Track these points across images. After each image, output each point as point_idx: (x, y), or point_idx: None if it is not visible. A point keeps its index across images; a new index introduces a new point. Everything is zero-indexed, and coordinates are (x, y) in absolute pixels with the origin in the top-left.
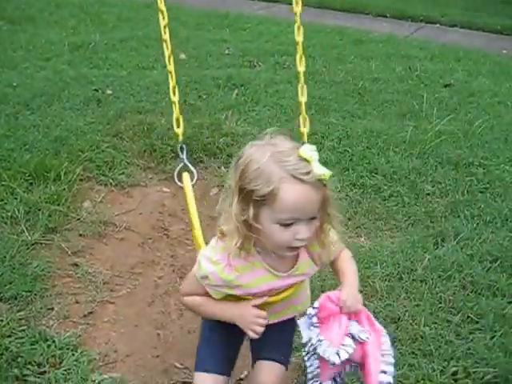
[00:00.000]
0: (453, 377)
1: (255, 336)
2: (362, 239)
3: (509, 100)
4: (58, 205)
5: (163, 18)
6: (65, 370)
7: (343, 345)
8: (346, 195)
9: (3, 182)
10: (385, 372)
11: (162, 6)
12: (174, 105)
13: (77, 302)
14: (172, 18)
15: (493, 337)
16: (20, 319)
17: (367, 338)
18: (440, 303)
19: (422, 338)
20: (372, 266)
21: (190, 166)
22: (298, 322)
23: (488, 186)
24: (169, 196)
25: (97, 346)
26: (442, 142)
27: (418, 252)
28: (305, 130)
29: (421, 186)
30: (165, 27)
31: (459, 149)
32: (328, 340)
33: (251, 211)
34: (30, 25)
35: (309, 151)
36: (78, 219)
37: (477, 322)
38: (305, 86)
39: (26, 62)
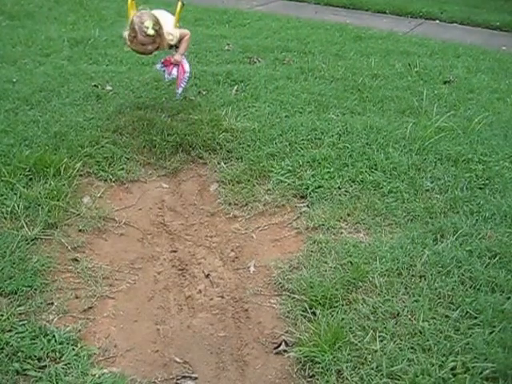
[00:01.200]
0: (451, 372)
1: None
2: (361, 235)
3: (508, 96)
4: (58, 200)
5: None
6: (65, 365)
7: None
8: (346, 191)
9: (3, 178)
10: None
11: None
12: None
13: (77, 297)
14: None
15: (491, 332)
16: (20, 314)
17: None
18: (439, 299)
19: (420, 333)
20: (371, 261)
21: None
22: (156, 65)
23: (487, 182)
24: (168, 192)
25: (97, 341)
26: (442, 138)
27: (417, 248)
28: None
29: (420, 182)
30: None
31: (459, 145)
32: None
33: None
34: (30, 20)
35: (148, 23)
36: (78, 215)
37: (475, 318)
38: None
39: (26, 58)
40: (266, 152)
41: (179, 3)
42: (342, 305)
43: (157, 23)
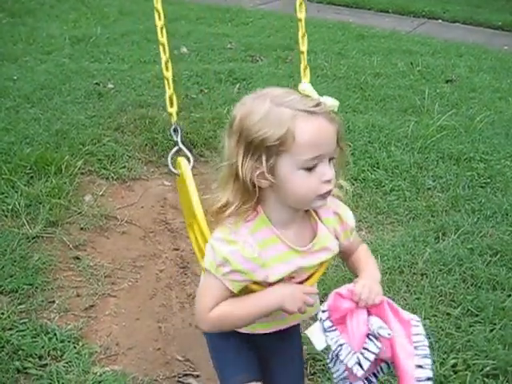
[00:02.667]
0: (452, 369)
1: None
2: (363, 233)
3: (510, 96)
4: (59, 198)
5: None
6: (66, 363)
7: (364, 348)
8: (348, 189)
9: (4, 176)
10: (421, 366)
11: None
12: (166, 81)
13: (78, 295)
14: (173, 12)
15: (492, 329)
16: (21, 312)
17: (389, 334)
18: (440, 296)
19: None
20: None
21: (185, 149)
22: (307, 331)
23: (489, 180)
24: (170, 189)
25: (98, 339)
26: (444, 136)
27: (419, 246)
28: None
29: (422, 180)
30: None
31: (460, 144)
32: (348, 343)
33: (264, 164)
34: (31, 18)
35: (309, 87)
36: (80, 213)
37: (476, 315)
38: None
39: (27, 56)
40: None
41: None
42: None
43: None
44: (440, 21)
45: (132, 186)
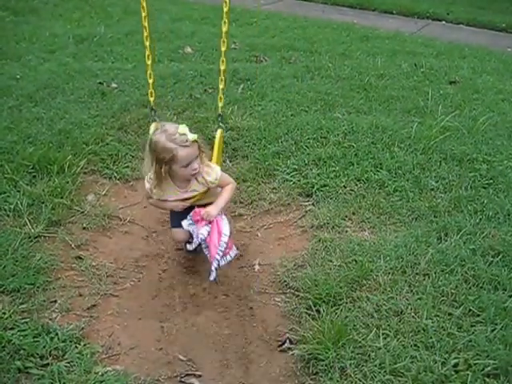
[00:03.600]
0: (454, 368)
1: (179, 210)
2: (366, 233)
3: None
4: (62, 198)
5: None
6: (68, 363)
7: (201, 232)
8: (351, 190)
9: (6, 175)
10: (217, 254)
11: None
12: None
13: (80, 295)
14: (177, 12)
15: (493, 329)
16: (23, 312)
17: (203, 235)
18: (442, 296)
19: (424, 330)
20: (376, 259)
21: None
22: (182, 222)
23: (491, 181)
24: None
25: (100, 339)
26: (447, 138)
27: (422, 246)
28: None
29: (425, 181)
30: None
31: (463, 145)
32: (196, 228)
33: (164, 168)
34: (34, 16)
35: (182, 129)
36: (82, 212)
37: (478, 315)
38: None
39: (30, 55)
40: (272, 150)
41: (219, 131)
42: (346, 303)
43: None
44: (444, 22)
45: (135, 185)
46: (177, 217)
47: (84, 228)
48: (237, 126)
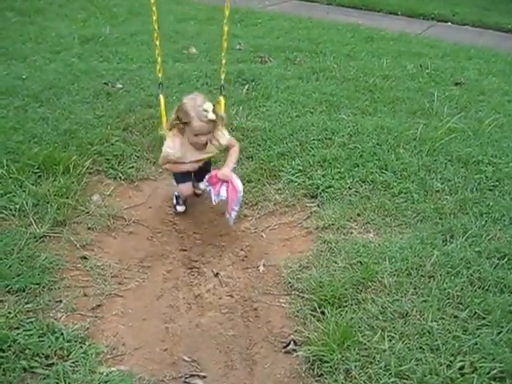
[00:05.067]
0: (459, 371)
1: (195, 169)
2: (371, 235)
3: None
4: (67, 198)
5: None
6: (73, 363)
7: (219, 191)
8: (356, 191)
9: (11, 175)
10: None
11: None
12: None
13: (85, 295)
14: (182, 12)
15: (499, 332)
16: (28, 311)
17: (224, 196)
18: (448, 299)
19: (429, 333)
20: (381, 261)
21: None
22: (200, 184)
23: (497, 183)
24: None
25: (105, 339)
26: (452, 139)
27: (427, 248)
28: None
29: (430, 183)
30: None
31: (469, 147)
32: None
33: (179, 125)
34: (40, 17)
35: (207, 105)
36: (87, 212)
37: (484, 318)
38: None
39: (36, 55)
40: (277, 151)
41: (221, 98)
42: (351, 304)
43: (215, 109)
44: (449, 23)
45: (140, 186)
46: (182, 174)
47: (89, 228)
48: (241, 126)
